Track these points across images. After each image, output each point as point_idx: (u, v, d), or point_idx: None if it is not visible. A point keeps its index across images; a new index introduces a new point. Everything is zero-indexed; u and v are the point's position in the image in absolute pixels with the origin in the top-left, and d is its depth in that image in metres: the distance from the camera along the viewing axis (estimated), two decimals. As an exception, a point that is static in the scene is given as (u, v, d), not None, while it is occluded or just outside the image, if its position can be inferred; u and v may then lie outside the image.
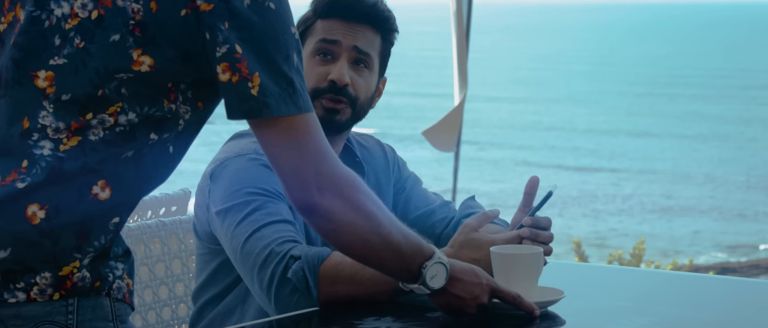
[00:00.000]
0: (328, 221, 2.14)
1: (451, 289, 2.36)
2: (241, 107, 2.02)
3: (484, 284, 2.38)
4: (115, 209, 2.05)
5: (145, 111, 2.03)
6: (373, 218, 2.19)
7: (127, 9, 2.01)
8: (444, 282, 2.34)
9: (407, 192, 3.00)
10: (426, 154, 24.64)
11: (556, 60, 54.22)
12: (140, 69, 2.01)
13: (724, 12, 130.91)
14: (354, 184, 2.15)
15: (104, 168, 2.02)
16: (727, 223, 18.06)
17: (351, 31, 2.79)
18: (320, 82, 2.77)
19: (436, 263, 2.32)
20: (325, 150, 2.09)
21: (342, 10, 2.79)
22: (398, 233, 2.26)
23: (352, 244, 2.22)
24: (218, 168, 2.73)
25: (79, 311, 2.04)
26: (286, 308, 2.57)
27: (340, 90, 2.77)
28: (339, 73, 2.77)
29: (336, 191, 2.11)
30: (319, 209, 2.11)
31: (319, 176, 2.08)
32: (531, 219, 2.69)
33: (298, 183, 2.08)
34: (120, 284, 2.09)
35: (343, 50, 2.78)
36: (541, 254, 2.53)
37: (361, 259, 2.32)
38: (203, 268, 2.80)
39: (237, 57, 2.00)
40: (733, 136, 28.90)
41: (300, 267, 2.56)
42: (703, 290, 2.91)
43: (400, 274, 2.33)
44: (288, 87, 2.04)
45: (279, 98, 2.02)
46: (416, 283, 2.33)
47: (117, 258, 2.09)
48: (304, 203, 2.11)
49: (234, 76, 2.01)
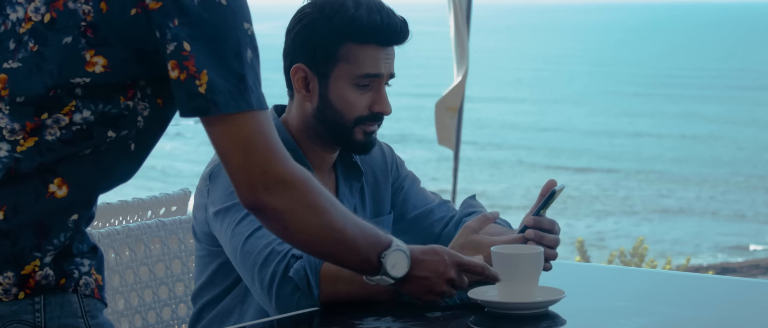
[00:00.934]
0: (278, 220, 2.13)
1: (415, 273, 2.34)
2: (190, 105, 2.01)
3: (447, 259, 2.37)
4: (73, 206, 2.06)
5: (100, 109, 2.03)
6: (325, 214, 2.16)
7: (78, 11, 2.01)
8: (406, 269, 2.32)
9: (405, 191, 3.01)
10: (425, 154, 24.65)
11: (555, 60, 54.23)
12: (94, 70, 2.01)
13: (724, 12, 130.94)
14: (304, 181, 2.12)
15: (60, 167, 2.03)
16: (727, 223, 18.06)
17: (387, 57, 2.77)
18: (363, 111, 2.77)
19: (394, 251, 2.30)
20: (275, 148, 2.07)
21: (377, 36, 2.75)
22: (353, 227, 2.23)
23: (306, 241, 2.20)
24: (216, 168, 2.73)
25: (46, 308, 2.06)
26: (286, 307, 2.57)
27: (380, 116, 2.79)
28: (387, 106, 2.78)
29: (284, 190, 2.08)
30: (268, 208, 2.09)
31: (267, 176, 2.06)
32: (533, 219, 2.69)
33: (244, 183, 2.06)
34: (87, 280, 2.10)
35: (384, 79, 2.79)
36: (541, 254, 2.53)
37: (318, 256, 2.31)
38: (203, 270, 2.80)
39: (185, 55, 1.99)
40: (733, 136, 28.89)
41: (301, 266, 2.56)
42: (703, 290, 2.91)
43: (360, 267, 2.31)
44: (239, 84, 2.02)
45: (229, 96, 2.01)
46: (378, 274, 2.31)
47: (82, 255, 2.10)
48: (251, 203, 2.09)
49: (182, 74, 2.00)
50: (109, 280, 2.93)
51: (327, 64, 2.75)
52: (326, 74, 2.76)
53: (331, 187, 2.88)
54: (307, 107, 2.80)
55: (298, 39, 2.77)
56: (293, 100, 2.83)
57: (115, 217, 3.16)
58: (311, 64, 2.77)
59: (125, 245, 2.99)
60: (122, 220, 3.17)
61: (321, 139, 2.82)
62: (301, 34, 2.77)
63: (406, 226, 2.99)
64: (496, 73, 46.17)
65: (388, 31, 2.75)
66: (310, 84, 2.78)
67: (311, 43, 2.75)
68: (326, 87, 2.76)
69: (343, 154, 2.90)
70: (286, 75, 2.82)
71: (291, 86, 2.82)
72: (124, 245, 2.99)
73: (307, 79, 2.78)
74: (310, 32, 2.76)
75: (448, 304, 2.58)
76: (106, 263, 2.93)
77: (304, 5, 2.80)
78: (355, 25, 2.73)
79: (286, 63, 2.81)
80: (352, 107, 2.76)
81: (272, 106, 2.90)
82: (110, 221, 3.14)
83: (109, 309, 2.91)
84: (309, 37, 2.76)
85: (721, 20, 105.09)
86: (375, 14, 2.74)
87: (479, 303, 2.51)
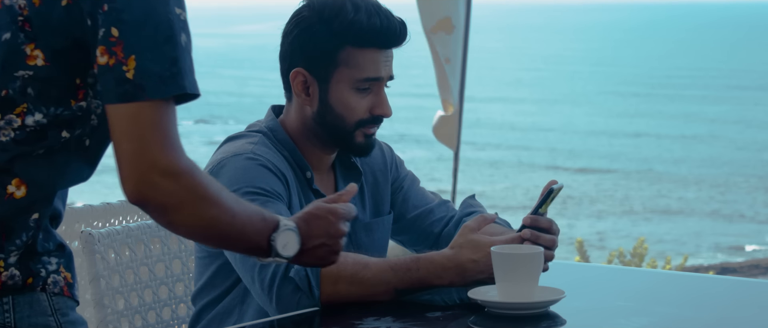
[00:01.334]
0: (164, 214, 2.04)
1: (308, 245, 2.26)
2: (117, 91, 1.97)
3: (331, 217, 2.28)
4: (33, 205, 2.06)
5: (52, 112, 2.02)
6: (213, 207, 2.06)
7: (14, 6, 2.01)
8: (298, 245, 2.24)
9: (405, 191, 3.01)
10: (424, 154, 24.65)
11: (555, 60, 54.22)
12: (36, 63, 2.00)
13: (724, 12, 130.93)
14: (192, 174, 2.03)
15: (16, 167, 2.03)
16: (727, 224, 18.06)
17: (386, 60, 2.77)
18: (364, 114, 2.77)
19: (283, 231, 2.21)
20: (171, 140, 2.00)
21: (377, 39, 2.75)
22: (241, 214, 2.14)
23: (192, 234, 2.14)
24: (216, 169, 2.72)
25: (15, 309, 2.05)
26: (287, 307, 2.57)
27: (380, 119, 2.80)
28: (387, 109, 2.78)
29: (171, 183, 2.00)
30: (154, 202, 2.01)
31: (155, 168, 1.98)
32: (531, 217, 2.69)
33: (134, 172, 1.99)
34: (56, 278, 2.10)
35: (383, 82, 2.79)
36: (541, 254, 2.54)
37: (207, 245, 2.25)
38: (202, 271, 2.80)
39: (112, 41, 1.97)
40: (733, 136, 28.90)
41: (302, 267, 2.56)
42: (703, 290, 2.91)
43: (251, 252, 2.23)
44: (172, 67, 1.98)
45: (159, 80, 1.97)
46: (271, 256, 2.23)
47: (49, 253, 2.10)
48: (137, 197, 2.01)
49: (111, 59, 1.97)
50: (109, 280, 2.93)
51: (327, 68, 2.75)
52: (326, 78, 2.76)
53: (331, 187, 2.88)
54: (307, 111, 2.79)
55: (297, 43, 2.76)
56: (291, 103, 2.83)
57: (115, 217, 3.16)
58: (311, 69, 2.76)
59: (125, 245, 2.99)
60: (122, 220, 3.16)
61: (320, 141, 2.82)
62: (300, 38, 2.76)
63: (406, 226, 2.99)
64: (496, 73, 46.17)
65: (388, 34, 2.75)
66: (309, 88, 2.77)
67: (310, 47, 2.75)
68: (326, 91, 2.76)
69: (341, 155, 2.90)
70: (284, 78, 2.81)
71: (289, 89, 2.81)
72: (124, 245, 2.99)
73: (306, 83, 2.77)
74: (309, 36, 2.75)
75: (448, 304, 2.58)
76: (106, 262, 2.93)
77: (300, 7, 2.79)
78: (355, 28, 2.73)
79: (284, 66, 2.80)
80: (353, 111, 2.76)
81: (270, 106, 2.90)
82: (110, 221, 3.14)
83: (108, 309, 2.91)
84: (308, 42, 2.75)
85: (721, 20, 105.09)
86: (374, 17, 2.73)
87: (479, 303, 2.52)
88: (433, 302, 2.62)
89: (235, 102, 36.63)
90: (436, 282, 2.62)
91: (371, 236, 2.91)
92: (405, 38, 2.79)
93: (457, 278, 2.62)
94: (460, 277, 2.62)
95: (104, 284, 2.91)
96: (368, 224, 2.91)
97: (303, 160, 2.80)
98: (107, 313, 2.91)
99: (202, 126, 30.17)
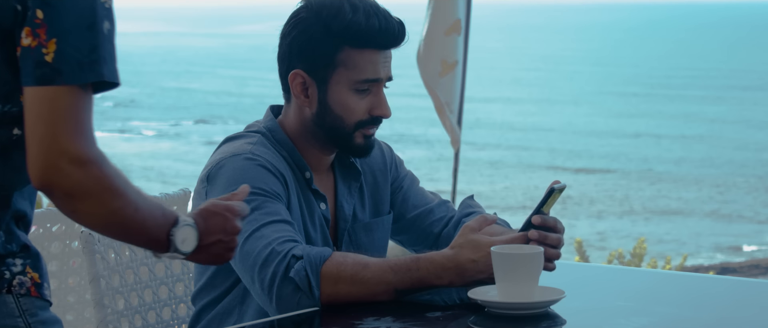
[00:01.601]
0: (68, 202, 2.01)
1: (205, 241, 2.22)
2: (35, 73, 1.95)
3: (227, 214, 2.25)
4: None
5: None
6: (118, 199, 2.04)
7: None
8: (196, 241, 2.20)
9: (405, 191, 3.00)
10: (424, 154, 24.65)
11: (555, 60, 54.22)
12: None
13: (724, 12, 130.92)
14: (99, 165, 2.00)
15: None
16: (727, 224, 18.06)
17: (385, 61, 2.77)
18: (363, 115, 2.77)
19: (182, 226, 2.18)
20: (84, 128, 1.98)
21: (376, 41, 2.74)
22: (143, 208, 2.11)
23: (94, 225, 2.10)
24: (214, 169, 2.72)
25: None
26: (287, 307, 2.57)
27: (380, 119, 2.80)
28: (386, 110, 2.78)
29: (78, 172, 1.98)
30: (60, 188, 1.99)
31: (65, 155, 1.97)
32: (541, 218, 2.66)
33: (42, 157, 1.97)
34: (22, 279, 2.09)
35: (382, 83, 2.78)
36: (541, 254, 2.53)
37: (106, 236, 2.22)
38: (202, 271, 2.80)
39: (37, 22, 1.96)
40: (733, 136, 28.90)
41: (302, 267, 2.56)
42: (703, 290, 2.91)
43: (150, 246, 2.20)
44: (91, 54, 1.97)
45: (77, 66, 1.95)
46: (169, 251, 2.19)
47: (13, 255, 2.09)
48: (43, 183, 1.99)
49: (33, 42, 1.96)
50: (109, 280, 2.93)
51: (325, 69, 2.74)
52: (325, 80, 2.75)
53: (330, 187, 2.88)
54: (306, 112, 2.79)
55: (295, 44, 2.76)
56: (290, 104, 2.82)
57: (115, 217, 3.16)
58: (309, 70, 2.76)
59: (125, 245, 2.99)
60: (122, 220, 3.16)
61: (319, 142, 2.81)
62: (298, 39, 2.75)
63: (406, 226, 2.99)
64: (496, 73, 46.17)
65: (387, 35, 2.74)
66: (308, 90, 2.77)
67: (309, 49, 2.74)
68: (325, 93, 2.76)
69: (340, 155, 2.90)
70: (282, 79, 2.81)
71: (288, 90, 2.81)
72: (124, 245, 2.99)
73: (305, 84, 2.77)
74: (308, 38, 2.74)
75: (448, 304, 2.58)
76: (106, 263, 2.93)
77: (298, 8, 2.78)
78: (354, 30, 2.72)
79: (282, 68, 2.79)
80: (352, 112, 2.76)
81: (269, 106, 2.90)
82: (110, 221, 3.14)
83: (108, 309, 2.91)
84: (306, 43, 2.74)
85: (721, 20, 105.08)
86: (373, 18, 2.73)
87: (479, 303, 2.51)
88: (433, 302, 2.62)
89: (235, 102, 36.66)
90: (436, 282, 2.62)
91: (371, 236, 2.91)
92: (404, 39, 2.78)
93: (457, 278, 2.61)
94: (459, 277, 2.61)
95: (104, 284, 2.91)
96: (368, 224, 2.91)
97: (302, 161, 2.80)
98: (107, 313, 2.91)
99: (202, 126, 30.19)
